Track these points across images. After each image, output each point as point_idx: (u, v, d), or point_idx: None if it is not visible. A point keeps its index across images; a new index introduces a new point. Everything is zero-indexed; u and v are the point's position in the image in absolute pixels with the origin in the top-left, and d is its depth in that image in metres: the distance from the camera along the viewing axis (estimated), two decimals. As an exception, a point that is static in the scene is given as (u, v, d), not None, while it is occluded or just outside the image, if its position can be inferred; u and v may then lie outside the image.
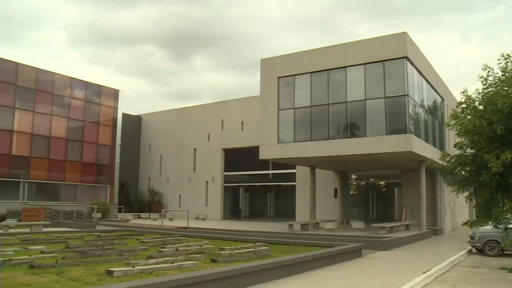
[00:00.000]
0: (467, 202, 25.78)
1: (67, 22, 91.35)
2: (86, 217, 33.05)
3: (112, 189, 37.64)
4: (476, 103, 12.84)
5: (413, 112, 20.93)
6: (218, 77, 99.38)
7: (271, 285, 9.10)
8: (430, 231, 23.15)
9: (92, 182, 36.41)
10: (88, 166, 36.17)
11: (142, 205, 39.07)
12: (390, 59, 20.54)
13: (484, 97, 12.54)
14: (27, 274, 8.88)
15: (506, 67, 12.36)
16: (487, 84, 12.54)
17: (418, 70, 21.98)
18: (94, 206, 30.21)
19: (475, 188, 13.92)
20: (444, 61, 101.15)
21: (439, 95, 26.78)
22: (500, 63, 12.46)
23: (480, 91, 12.78)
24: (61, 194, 34.61)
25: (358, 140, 20.83)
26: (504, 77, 12.27)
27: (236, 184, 36.42)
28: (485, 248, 16.04)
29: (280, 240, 16.79)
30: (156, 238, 16.97)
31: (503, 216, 12.48)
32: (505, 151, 11.13)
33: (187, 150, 38.57)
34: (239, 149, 35.32)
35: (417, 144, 20.25)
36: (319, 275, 10.53)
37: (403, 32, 20.39)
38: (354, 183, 31.34)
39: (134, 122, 42.44)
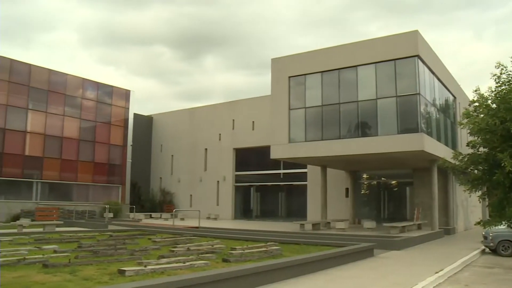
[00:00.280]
0: (480, 202, 25.58)
1: (79, 24, 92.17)
2: (98, 217, 33.29)
3: (124, 189, 37.88)
4: (489, 102, 12.71)
5: (425, 111, 20.78)
6: (229, 77, 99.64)
7: (283, 285, 9.10)
8: (443, 231, 22.98)
9: (104, 182, 36.66)
10: (100, 166, 36.43)
11: (154, 205, 39.24)
12: (402, 58, 20.40)
13: (497, 95, 12.41)
14: (41, 273, 8.97)
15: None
16: (500, 82, 12.41)
17: (430, 69, 21.82)
18: (106, 206, 30.39)
19: (488, 188, 13.79)
20: (456, 59, 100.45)
21: (451, 94, 26.56)
22: (514, 61, 12.33)
23: (493, 89, 12.66)
24: (74, 194, 34.92)
25: (370, 140, 20.73)
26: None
27: (247, 184, 36.43)
28: (499, 248, 15.88)
29: (292, 240, 16.78)
30: (168, 238, 17.05)
31: (517, 216, 12.35)
32: (519, 150, 11.01)
33: (198, 150, 38.68)
34: (250, 149, 35.34)
35: (429, 143, 20.11)
36: (331, 275, 10.50)
37: (415, 31, 20.25)
38: (366, 183, 31.20)
39: (146, 122, 42.63)
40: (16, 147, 31.21)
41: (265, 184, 35.65)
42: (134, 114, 39.67)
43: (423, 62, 20.75)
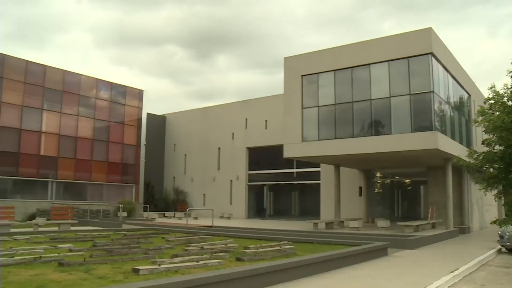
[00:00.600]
0: (496, 200, 25.24)
1: (92, 25, 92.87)
2: (112, 216, 33.51)
3: (138, 188, 38.11)
4: (505, 99, 12.57)
5: (439, 109, 20.59)
6: (242, 76, 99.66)
7: (296, 284, 9.09)
8: (457, 230, 22.77)
9: (118, 182, 36.92)
10: (114, 166, 36.70)
11: (167, 204, 39.39)
12: (415, 56, 20.23)
13: (513, 93, 12.28)
14: (57, 272, 9.08)
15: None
16: (516, 79, 12.26)
17: (444, 66, 21.61)
18: (120, 205, 30.60)
19: (504, 186, 13.63)
20: (471, 57, 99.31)
21: (466, 91, 26.29)
22: (530, 58, 12.17)
23: (509, 86, 12.51)
24: (88, 194, 35.21)
25: (383, 138, 20.62)
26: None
27: (261, 183, 36.42)
28: (515, 247, 15.71)
29: (305, 239, 16.75)
30: (181, 237, 17.12)
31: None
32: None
33: (211, 149, 38.77)
34: (263, 148, 35.34)
35: (443, 142, 19.93)
36: (344, 274, 10.47)
37: (428, 28, 20.07)
38: (379, 181, 31.04)
39: (159, 122, 42.84)
40: (32, 147, 31.58)
41: (278, 183, 35.64)
42: (148, 114, 39.87)
43: (437, 60, 20.56)
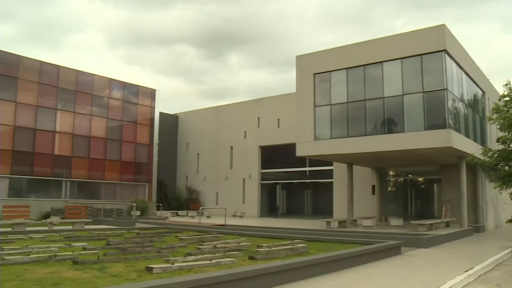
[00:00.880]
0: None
1: (104, 25, 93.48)
2: (126, 215, 33.69)
3: (151, 187, 38.30)
4: (520, 96, 12.42)
5: (452, 107, 20.40)
6: (254, 75, 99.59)
7: (309, 282, 9.07)
8: (472, 229, 22.55)
9: (131, 181, 37.14)
10: (127, 165, 36.93)
11: (180, 203, 39.55)
12: (428, 53, 20.05)
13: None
14: (71, 270, 9.16)
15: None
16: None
17: (457, 63, 21.40)
18: (133, 204, 30.79)
19: (520, 184, 13.49)
20: (485, 53, 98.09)
21: (480, 89, 26.01)
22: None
23: (524, 84, 12.36)
24: (101, 193, 35.47)
25: (396, 136, 20.48)
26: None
27: (273, 182, 36.39)
28: (531, 246, 15.52)
29: (318, 237, 16.73)
30: (194, 236, 17.17)
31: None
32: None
33: (224, 148, 38.85)
34: (276, 146, 35.30)
35: (457, 139, 19.74)
36: (357, 273, 10.43)
37: (442, 25, 19.89)
38: (392, 180, 30.86)
39: (171, 121, 43.02)
40: (46, 147, 31.91)
41: (291, 182, 35.61)
42: (160, 113, 40.04)
43: (451, 57, 20.37)
